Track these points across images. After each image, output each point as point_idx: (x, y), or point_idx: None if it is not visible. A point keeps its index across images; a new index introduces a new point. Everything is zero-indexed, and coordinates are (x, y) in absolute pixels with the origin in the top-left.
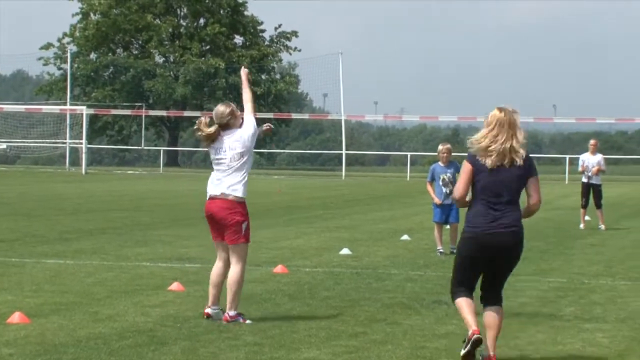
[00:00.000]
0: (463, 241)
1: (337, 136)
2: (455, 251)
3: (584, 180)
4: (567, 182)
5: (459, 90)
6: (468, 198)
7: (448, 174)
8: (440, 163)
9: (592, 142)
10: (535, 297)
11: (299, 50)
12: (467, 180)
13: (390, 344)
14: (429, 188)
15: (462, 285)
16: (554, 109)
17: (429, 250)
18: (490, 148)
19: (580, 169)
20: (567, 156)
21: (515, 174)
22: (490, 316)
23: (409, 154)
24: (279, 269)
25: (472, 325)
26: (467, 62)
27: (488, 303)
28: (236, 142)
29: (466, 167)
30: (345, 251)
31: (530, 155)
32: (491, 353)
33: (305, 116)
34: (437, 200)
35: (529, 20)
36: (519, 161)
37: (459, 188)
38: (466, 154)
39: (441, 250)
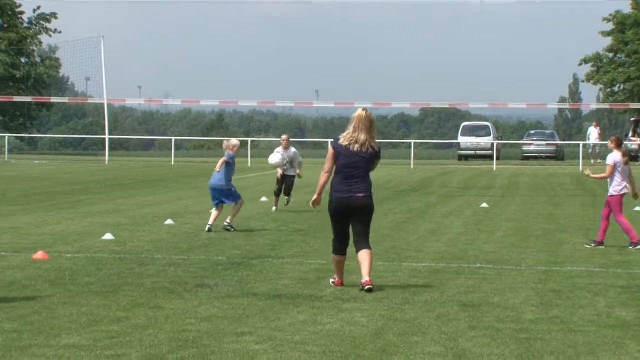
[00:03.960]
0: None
1: (100, 120)
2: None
3: None
4: None
5: (223, 75)
6: None
7: None
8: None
9: None
10: (297, 278)
11: (60, 32)
12: None
13: (152, 328)
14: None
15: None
16: (317, 94)
17: (192, 235)
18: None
19: None
20: (330, 140)
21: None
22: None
23: (173, 138)
24: (39, 255)
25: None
26: (231, 50)
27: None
28: None
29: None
30: (108, 236)
31: (294, 139)
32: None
33: (65, 100)
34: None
35: (287, 8)
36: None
37: None
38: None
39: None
